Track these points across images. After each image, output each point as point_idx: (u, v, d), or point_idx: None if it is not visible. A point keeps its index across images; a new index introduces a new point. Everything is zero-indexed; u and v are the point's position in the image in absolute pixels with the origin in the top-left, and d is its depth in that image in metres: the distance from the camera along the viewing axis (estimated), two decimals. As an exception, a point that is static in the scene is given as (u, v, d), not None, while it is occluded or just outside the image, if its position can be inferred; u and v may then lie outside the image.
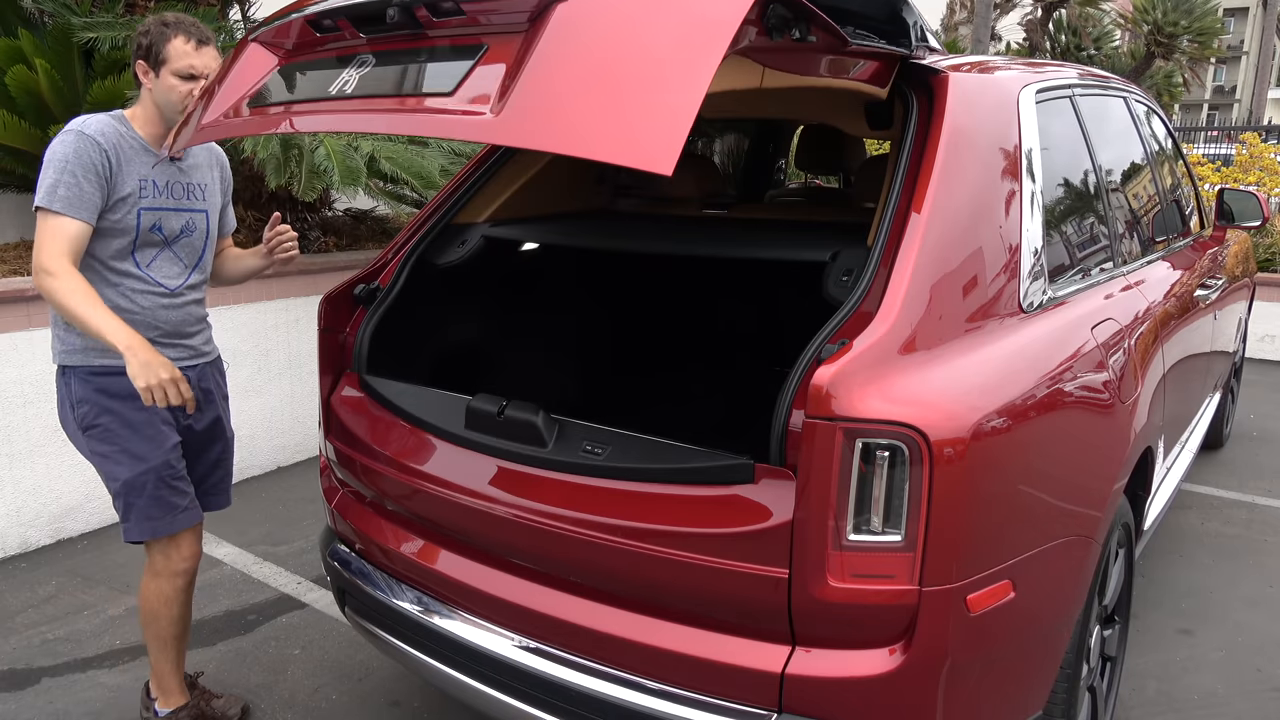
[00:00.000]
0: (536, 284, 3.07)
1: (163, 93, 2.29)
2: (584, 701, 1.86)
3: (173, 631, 2.46)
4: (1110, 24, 19.48)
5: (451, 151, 5.12)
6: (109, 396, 2.30)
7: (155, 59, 2.27)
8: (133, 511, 2.33)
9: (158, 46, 2.26)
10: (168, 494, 2.34)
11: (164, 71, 2.27)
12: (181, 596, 2.44)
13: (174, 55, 2.26)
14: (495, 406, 2.00)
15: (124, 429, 2.31)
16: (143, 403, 2.23)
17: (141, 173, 2.31)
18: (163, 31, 2.27)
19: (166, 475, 2.33)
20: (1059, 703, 2.02)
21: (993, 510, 1.69)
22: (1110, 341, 2.21)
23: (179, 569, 2.41)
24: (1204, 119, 35.42)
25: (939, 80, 2.06)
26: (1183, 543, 3.86)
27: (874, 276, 1.79)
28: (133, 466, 2.30)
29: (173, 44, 2.26)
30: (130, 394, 2.25)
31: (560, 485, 1.89)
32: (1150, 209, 3.18)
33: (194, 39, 2.28)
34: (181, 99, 2.26)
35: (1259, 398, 6.09)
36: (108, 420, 2.31)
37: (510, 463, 1.99)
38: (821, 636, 1.67)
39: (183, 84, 2.27)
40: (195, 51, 2.27)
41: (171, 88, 2.27)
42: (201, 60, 2.28)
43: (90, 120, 2.26)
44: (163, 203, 2.34)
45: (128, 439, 2.31)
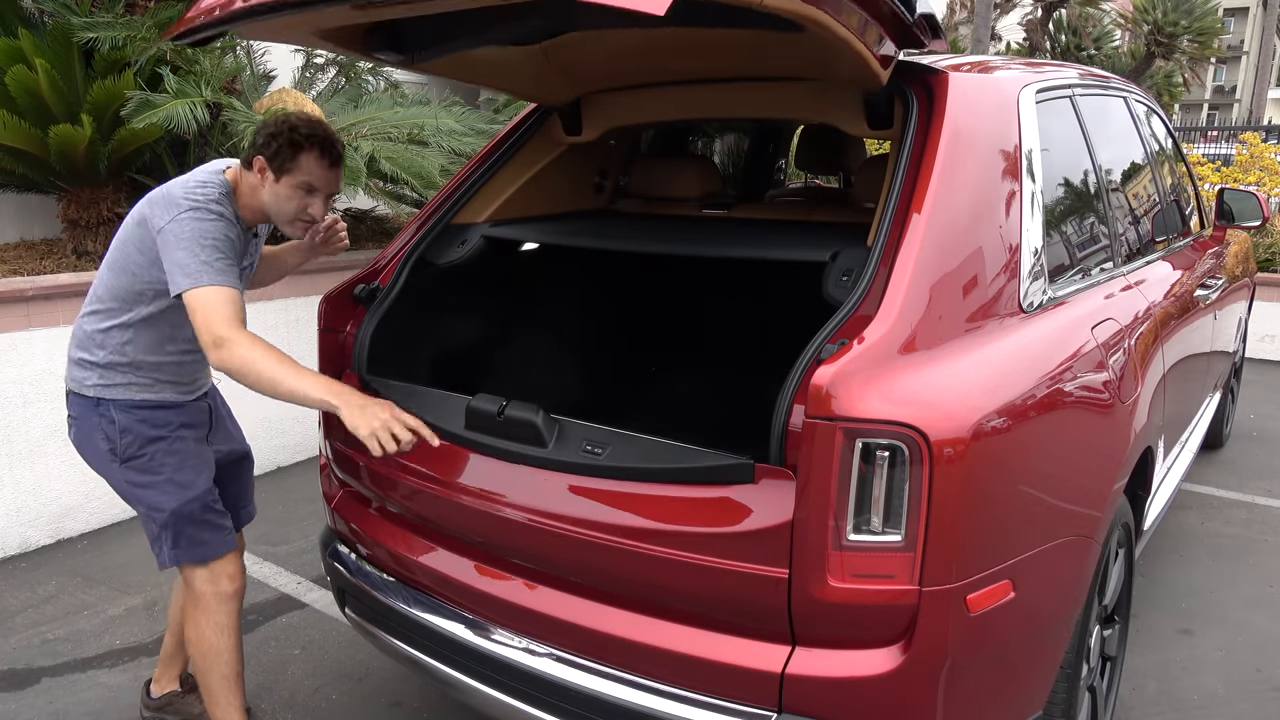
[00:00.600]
0: (536, 284, 3.07)
1: (278, 200, 2.17)
2: (584, 701, 1.86)
3: (235, 667, 2.34)
4: (1110, 24, 19.47)
5: (451, 151, 5.12)
6: (153, 427, 2.24)
7: (280, 166, 2.14)
8: (181, 539, 2.25)
9: (286, 155, 2.13)
10: (215, 518, 2.29)
11: (285, 180, 2.15)
12: (236, 623, 2.33)
13: (303, 168, 2.14)
14: (495, 406, 2.00)
15: (169, 458, 2.25)
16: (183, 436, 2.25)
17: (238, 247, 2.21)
18: (295, 142, 2.13)
19: (210, 501, 2.29)
20: (1059, 703, 2.02)
21: (993, 510, 1.69)
22: (1110, 341, 2.21)
23: (227, 592, 2.31)
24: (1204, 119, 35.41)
25: (939, 80, 2.06)
26: (1183, 543, 3.86)
27: (874, 276, 1.79)
28: (180, 495, 2.23)
29: (305, 158, 2.14)
30: (174, 424, 2.26)
31: (560, 485, 1.89)
32: (1150, 209, 3.18)
33: (328, 157, 2.16)
34: (297, 212, 2.18)
35: (1259, 398, 6.09)
36: (153, 449, 2.24)
37: (510, 463, 1.99)
38: (821, 636, 1.67)
39: (303, 197, 2.17)
40: (326, 170, 2.16)
41: (289, 198, 2.16)
42: (329, 180, 2.19)
43: (216, 198, 2.11)
44: (245, 277, 2.31)
45: (174, 468, 2.25)
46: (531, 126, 2.78)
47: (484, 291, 2.82)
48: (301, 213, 2.19)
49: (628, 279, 3.38)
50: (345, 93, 5.79)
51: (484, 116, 5.97)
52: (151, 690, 2.63)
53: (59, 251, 4.67)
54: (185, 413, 2.32)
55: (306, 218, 2.21)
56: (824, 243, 2.11)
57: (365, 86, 5.99)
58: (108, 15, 4.30)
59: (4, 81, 4.10)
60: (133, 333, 2.21)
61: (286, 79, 5.84)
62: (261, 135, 2.17)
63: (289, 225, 2.22)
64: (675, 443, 1.82)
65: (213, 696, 2.34)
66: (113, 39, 4.22)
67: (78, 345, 2.26)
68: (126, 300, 2.20)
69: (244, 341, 1.98)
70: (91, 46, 4.25)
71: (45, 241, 4.98)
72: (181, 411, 2.31)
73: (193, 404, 2.35)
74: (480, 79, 2.49)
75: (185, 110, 4.12)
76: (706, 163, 3.09)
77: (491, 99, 7.10)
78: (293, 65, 5.86)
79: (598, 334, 3.30)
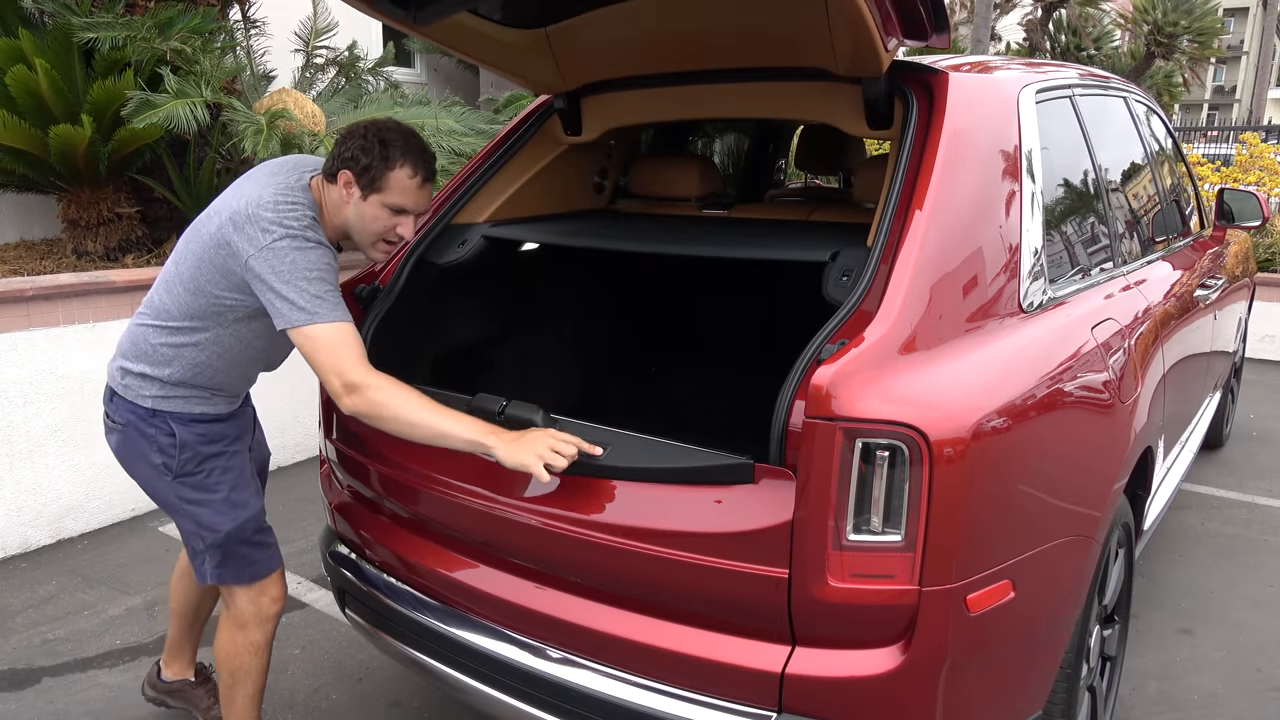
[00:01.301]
0: (536, 284, 3.07)
1: (363, 220, 2.02)
2: (584, 701, 1.86)
3: (261, 684, 2.30)
4: (1110, 24, 19.47)
5: (451, 151, 5.12)
6: (210, 442, 2.15)
7: (369, 183, 1.98)
8: (231, 559, 2.18)
9: (378, 170, 1.97)
10: (265, 536, 2.24)
11: (374, 198, 2.00)
12: (270, 643, 2.29)
13: (394, 187, 1.98)
14: (495, 406, 2.00)
15: (226, 475, 2.16)
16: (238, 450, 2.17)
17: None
18: (388, 155, 1.96)
19: (263, 520, 2.24)
20: (1059, 702, 2.02)
21: (993, 510, 1.69)
22: (1110, 341, 2.21)
23: (269, 613, 2.25)
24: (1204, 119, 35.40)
25: (939, 80, 2.06)
26: (1183, 543, 3.86)
27: (874, 276, 1.79)
28: (234, 516, 2.16)
29: (396, 174, 1.97)
30: (229, 437, 2.18)
31: (561, 485, 1.89)
32: (1150, 209, 3.18)
33: (421, 174, 1.99)
34: (384, 233, 2.03)
35: (1259, 398, 6.09)
36: (210, 466, 2.15)
37: None
38: (821, 636, 1.67)
39: (390, 217, 2.02)
40: (418, 189, 2.01)
41: (376, 218, 2.01)
42: (420, 199, 2.03)
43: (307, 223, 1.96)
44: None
45: (230, 486, 2.17)
46: (531, 126, 2.78)
47: (484, 291, 2.82)
48: (389, 234, 2.04)
49: (628, 279, 3.38)
50: (345, 93, 5.80)
51: (484, 116, 5.98)
52: (163, 673, 2.62)
53: (59, 251, 4.68)
54: (236, 424, 2.24)
55: (394, 238, 2.06)
56: (824, 243, 2.11)
57: (365, 86, 6.00)
58: (108, 15, 4.30)
59: (4, 81, 4.10)
60: (209, 354, 2.10)
61: (286, 79, 5.84)
62: (349, 146, 1.99)
63: (371, 247, 2.07)
64: (675, 443, 1.82)
65: (232, 709, 2.30)
66: (113, 39, 4.22)
67: (139, 357, 2.11)
68: (204, 320, 2.07)
69: (378, 384, 1.88)
70: (91, 46, 4.25)
71: (45, 241, 4.98)
72: (233, 423, 2.23)
73: (240, 412, 2.28)
74: (482, 56, 2.48)
75: (185, 110, 4.13)
76: (706, 163, 3.09)
77: (491, 99, 7.10)
78: (293, 65, 5.86)
79: (598, 334, 3.30)
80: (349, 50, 6.01)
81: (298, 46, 5.86)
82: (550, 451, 1.80)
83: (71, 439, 3.85)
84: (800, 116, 2.50)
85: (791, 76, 2.36)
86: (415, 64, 8.33)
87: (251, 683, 2.27)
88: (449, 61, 8.37)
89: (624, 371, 3.40)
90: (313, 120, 4.89)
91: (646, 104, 2.65)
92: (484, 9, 2.30)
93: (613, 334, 3.37)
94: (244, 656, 2.24)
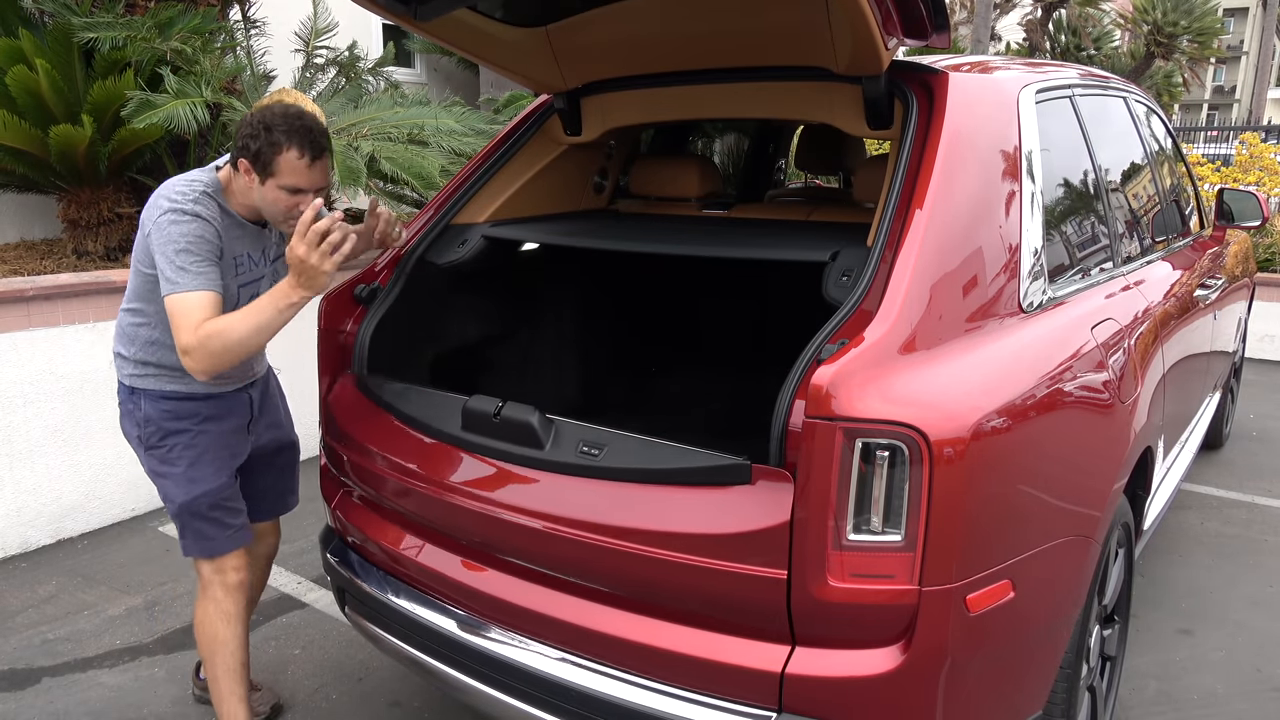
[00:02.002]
0: (536, 284, 3.07)
1: (266, 201, 2.12)
2: (584, 701, 1.86)
3: (240, 657, 2.36)
4: (1110, 24, 19.48)
5: (451, 151, 5.12)
6: (176, 419, 2.28)
7: (263, 167, 2.07)
8: (188, 532, 2.32)
9: (266, 156, 2.06)
10: (222, 515, 2.32)
11: (270, 183, 2.08)
12: (243, 614, 2.37)
13: (284, 170, 2.06)
14: (492, 408, 2.00)
15: (187, 451, 2.28)
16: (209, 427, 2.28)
17: (236, 249, 2.21)
18: (275, 142, 2.04)
19: (221, 500, 2.31)
20: (1058, 702, 2.03)
21: (992, 510, 1.69)
22: (1110, 341, 2.21)
23: (232, 582, 2.34)
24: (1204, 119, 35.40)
25: (939, 80, 2.06)
26: (1183, 543, 3.86)
27: (874, 276, 1.79)
28: (188, 490, 2.27)
29: (284, 157, 2.05)
30: (199, 416, 2.28)
31: (558, 486, 1.89)
32: (1150, 209, 3.18)
33: (309, 154, 2.06)
34: (286, 213, 2.11)
35: (1259, 398, 6.09)
36: (174, 440, 2.28)
37: (507, 464, 1.99)
38: (821, 636, 1.67)
39: (289, 198, 2.09)
40: (308, 168, 2.07)
41: (276, 200, 2.10)
42: (312, 177, 2.08)
43: (197, 195, 2.11)
44: (258, 272, 2.30)
45: (189, 462, 2.28)
46: (531, 127, 2.78)
47: (484, 291, 2.82)
48: (292, 212, 2.12)
49: (628, 279, 3.38)
50: (345, 93, 5.80)
51: (484, 117, 5.98)
52: (201, 671, 2.65)
53: (59, 251, 4.68)
54: (217, 405, 2.32)
55: (297, 215, 2.10)
56: (824, 243, 2.11)
57: (365, 87, 6.00)
58: (108, 15, 4.30)
59: (4, 81, 4.10)
60: (158, 331, 2.23)
61: (286, 79, 5.84)
62: (241, 135, 2.10)
63: (283, 226, 2.17)
64: (672, 444, 1.82)
65: (216, 684, 2.37)
66: (113, 39, 4.22)
67: (117, 338, 2.32)
68: (146, 299, 2.22)
69: (204, 334, 2.00)
70: (91, 46, 4.25)
71: (45, 241, 4.98)
72: (212, 403, 2.31)
73: (231, 395, 2.35)
74: (483, 54, 2.48)
75: (185, 110, 4.12)
76: (706, 162, 3.09)
77: (491, 99, 7.10)
78: (293, 65, 5.86)
79: (598, 334, 3.30)
80: (349, 50, 6.01)
81: (298, 46, 5.86)
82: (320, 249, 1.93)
83: (71, 439, 3.85)
84: (800, 116, 2.50)
85: (791, 76, 2.36)
86: (415, 64, 8.33)
87: (229, 654, 2.34)
88: (449, 61, 8.37)
89: (624, 371, 3.41)
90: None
91: (646, 104, 2.65)
92: (485, 6, 2.31)
93: (613, 334, 3.37)
94: (215, 624, 2.33)
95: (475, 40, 2.39)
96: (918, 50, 3.24)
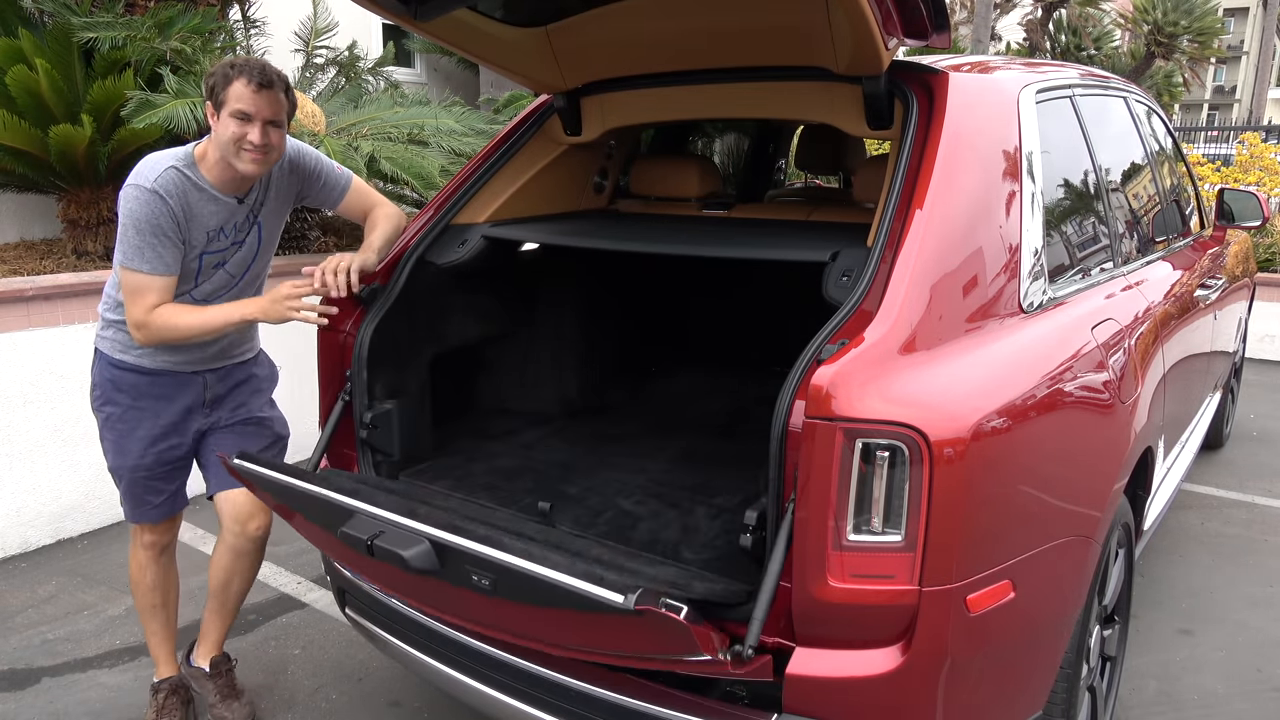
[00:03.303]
0: (536, 284, 3.07)
1: (221, 134, 2.24)
2: (584, 701, 1.86)
3: (150, 600, 2.61)
4: (1110, 24, 19.48)
5: (451, 151, 5.12)
6: (118, 389, 2.42)
7: (218, 101, 2.24)
8: (119, 491, 2.53)
9: (219, 89, 2.23)
10: (141, 491, 2.49)
11: (223, 113, 2.23)
12: (154, 566, 2.60)
13: (232, 97, 2.22)
14: (366, 536, 1.77)
15: (120, 423, 2.44)
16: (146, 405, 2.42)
17: (209, 224, 2.32)
18: (226, 74, 2.23)
19: (141, 475, 2.47)
20: (1059, 703, 2.02)
21: (992, 510, 1.69)
22: (1110, 341, 2.21)
23: (147, 541, 2.58)
24: (1204, 119, 35.40)
25: (939, 80, 2.06)
26: (1183, 543, 3.86)
27: (874, 276, 1.79)
28: (116, 459, 2.47)
29: (233, 87, 2.22)
30: (139, 391, 2.41)
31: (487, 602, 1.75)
32: (1150, 209, 3.18)
33: (254, 82, 2.21)
34: (233, 139, 2.22)
35: (1259, 398, 6.09)
36: (110, 410, 2.44)
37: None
38: (821, 636, 1.67)
39: (237, 125, 2.22)
40: (253, 94, 2.21)
41: (227, 127, 2.23)
42: (257, 103, 2.22)
43: (161, 173, 2.25)
44: (225, 244, 2.39)
45: (120, 434, 2.44)
46: (531, 127, 2.78)
47: (484, 291, 2.82)
48: (241, 140, 2.22)
49: (628, 279, 3.38)
50: (345, 93, 5.80)
51: (484, 117, 5.98)
52: (192, 655, 2.71)
53: (59, 251, 4.67)
54: (166, 384, 2.44)
55: (247, 145, 2.23)
56: (824, 243, 2.11)
57: (365, 87, 6.00)
58: (108, 15, 4.30)
59: (4, 81, 4.10)
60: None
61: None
62: (207, 84, 2.27)
63: (235, 158, 2.24)
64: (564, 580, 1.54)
65: (141, 619, 2.66)
66: (113, 39, 4.22)
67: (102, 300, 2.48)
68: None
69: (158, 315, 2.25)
70: (91, 46, 4.25)
71: (45, 241, 4.98)
72: (162, 381, 2.43)
73: (186, 375, 2.45)
74: (483, 54, 2.48)
75: (185, 110, 4.12)
76: (706, 162, 3.09)
77: (491, 99, 7.10)
78: (293, 65, 5.86)
79: (598, 334, 3.30)
80: (349, 50, 6.02)
81: (298, 46, 5.86)
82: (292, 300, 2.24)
83: (71, 439, 3.85)
84: (800, 116, 2.50)
85: (791, 76, 2.36)
86: (415, 64, 8.33)
87: (141, 594, 2.62)
88: (449, 61, 8.37)
89: (624, 371, 3.40)
90: (313, 120, 4.89)
91: (646, 104, 2.65)
92: (485, 6, 2.30)
93: (612, 334, 3.37)
94: (133, 570, 2.62)
95: (475, 40, 2.39)
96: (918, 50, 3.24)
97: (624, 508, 2.31)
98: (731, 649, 1.56)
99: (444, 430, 2.70)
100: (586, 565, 1.67)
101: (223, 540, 2.54)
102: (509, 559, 1.59)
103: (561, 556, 1.73)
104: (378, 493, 2.02)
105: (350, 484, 2.11)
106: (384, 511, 1.80)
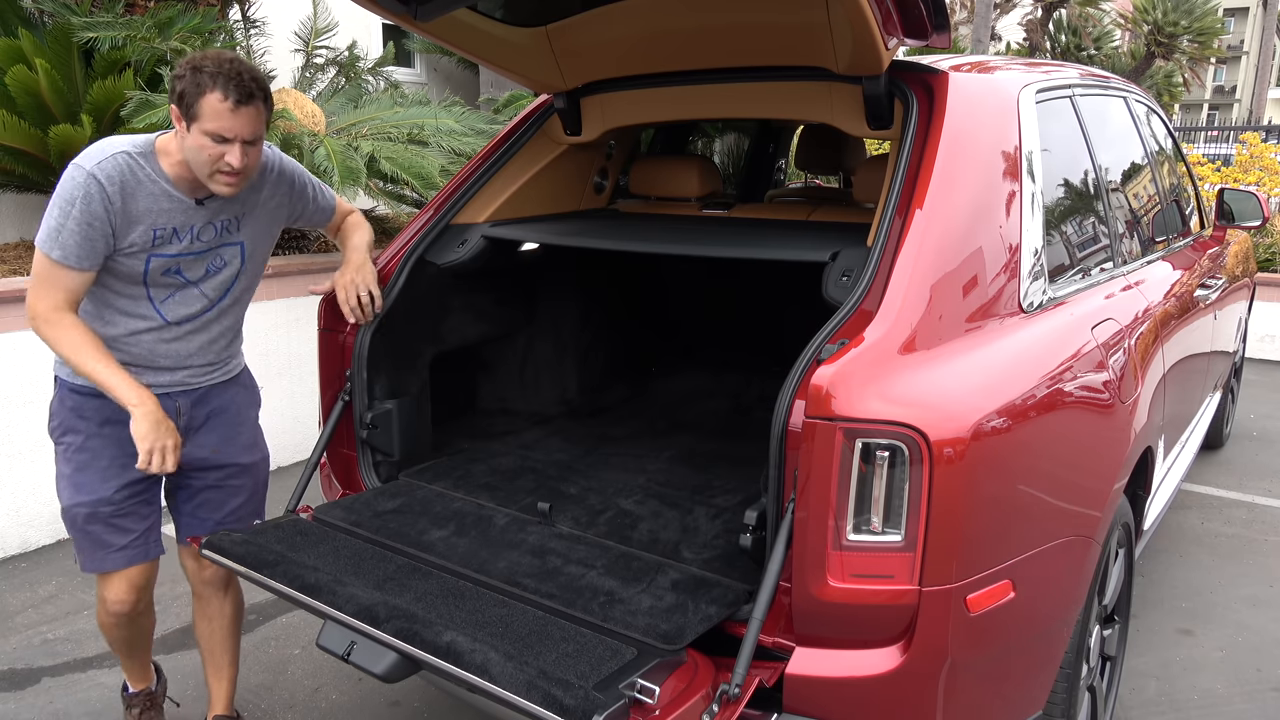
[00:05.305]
0: (536, 284, 3.07)
1: (192, 149, 1.94)
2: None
3: (119, 649, 2.38)
4: (1110, 24, 19.48)
5: (451, 151, 5.12)
6: (79, 416, 2.13)
7: (187, 110, 1.90)
8: (73, 538, 2.19)
9: (190, 98, 1.88)
10: (101, 531, 2.14)
11: (194, 128, 1.91)
12: (118, 632, 2.30)
13: (206, 114, 1.88)
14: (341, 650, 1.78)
15: (79, 454, 2.13)
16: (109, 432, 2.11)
17: (158, 222, 2.02)
18: (197, 81, 1.87)
19: (105, 511, 2.13)
20: (1059, 702, 2.03)
21: (992, 510, 1.69)
22: (1110, 341, 2.21)
23: (108, 608, 2.22)
24: (1204, 119, 35.40)
25: (939, 80, 2.06)
26: (1183, 543, 3.86)
27: (874, 276, 1.79)
28: (71, 496, 2.13)
29: (207, 100, 1.87)
30: (100, 419, 2.12)
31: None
32: (1150, 209, 3.18)
33: (232, 97, 1.87)
34: (211, 162, 1.93)
35: (1259, 398, 6.09)
36: (71, 439, 2.14)
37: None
38: (821, 636, 1.67)
39: (215, 146, 1.91)
40: (231, 112, 1.88)
41: (201, 147, 1.92)
42: (236, 124, 1.90)
43: (107, 157, 1.95)
44: (182, 250, 2.08)
45: (78, 466, 2.13)
46: (531, 127, 2.78)
47: (484, 291, 2.82)
48: (217, 164, 1.93)
49: (628, 279, 3.38)
50: (345, 93, 5.80)
51: (484, 117, 5.98)
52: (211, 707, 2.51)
53: (59, 251, 4.67)
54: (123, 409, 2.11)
55: (225, 168, 1.94)
56: (824, 243, 2.11)
57: (365, 87, 5.99)
58: (108, 15, 4.30)
59: (4, 81, 4.10)
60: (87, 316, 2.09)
61: (286, 79, 5.85)
62: (172, 81, 1.93)
63: (210, 180, 1.96)
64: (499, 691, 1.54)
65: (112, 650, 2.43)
66: (113, 39, 4.22)
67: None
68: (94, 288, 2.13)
69: (64, 327, 1.98)
70: (91, 46, 4.25)
71: (45, 241, 4.98)
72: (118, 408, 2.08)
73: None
74: (483, 54, 2.48)
75: (185, 110, 4.12)
76: (706, 162, 3.09)
77: (491, 99, 7.10)
78: (293, 65, 5.87)
79: (598, 334, 3.30)
80: (349, 50, 6.02)
81: (298, 46, 5.87)
82: (159, 452, 2.00)
83: (71, 439, 3.85)
84: (800, 116, 2.51)
85: (791, 76, 2.36)
86: (415, 64, 8.33)
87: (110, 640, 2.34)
88: (449, 61, 8.37)
89: (624, 371, 3.41)
90: (312, 120, 4.89)
91: (646, 104, 2.65)
92: (485, 6, 2.31)
93: (612, 334, 3.38)
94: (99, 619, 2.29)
95: (475, 40, 2.39)
96: (918, 50, 3.24)
97: (624, 508, 2.31)
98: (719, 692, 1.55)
99: (444, 430, 2.70)
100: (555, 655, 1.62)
101: (196, 600, 2.37)
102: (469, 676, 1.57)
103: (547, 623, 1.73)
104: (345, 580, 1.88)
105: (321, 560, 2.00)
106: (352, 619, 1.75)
